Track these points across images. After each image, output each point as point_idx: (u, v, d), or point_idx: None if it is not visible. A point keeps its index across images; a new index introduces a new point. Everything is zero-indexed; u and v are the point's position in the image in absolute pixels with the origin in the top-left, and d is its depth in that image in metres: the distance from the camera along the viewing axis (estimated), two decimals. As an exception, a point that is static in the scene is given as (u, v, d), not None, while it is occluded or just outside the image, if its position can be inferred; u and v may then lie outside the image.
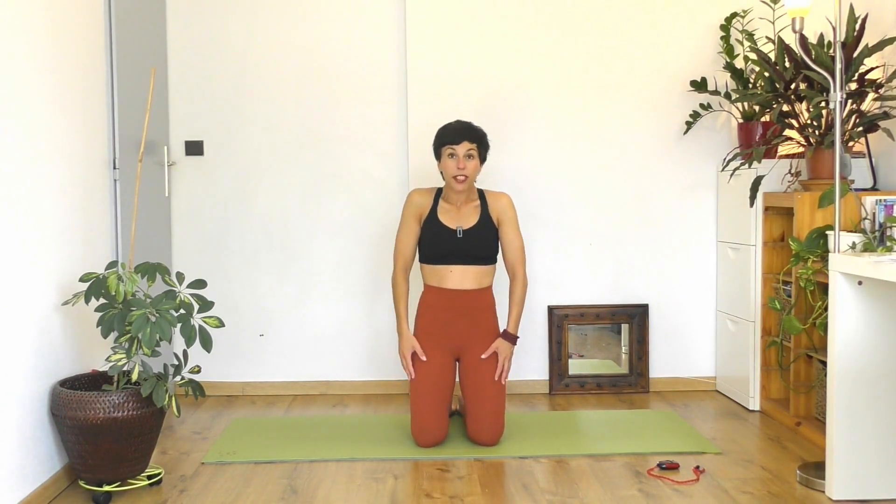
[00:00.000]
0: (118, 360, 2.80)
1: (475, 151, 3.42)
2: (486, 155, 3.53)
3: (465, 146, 3.40)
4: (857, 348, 2.77)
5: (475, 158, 3.42)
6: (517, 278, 3.51)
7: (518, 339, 3.52)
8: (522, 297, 3.51)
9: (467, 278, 3.48)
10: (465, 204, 3.51)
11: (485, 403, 3.36)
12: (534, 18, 4.29)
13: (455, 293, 3.46)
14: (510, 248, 3.51)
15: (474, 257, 3.48)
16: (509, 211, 3.50)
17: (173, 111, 4.31)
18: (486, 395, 3.37)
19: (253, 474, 3.12)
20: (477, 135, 3.45)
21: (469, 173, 3.40)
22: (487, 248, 3.49)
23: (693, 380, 4.38)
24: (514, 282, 3.52)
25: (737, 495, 2.87)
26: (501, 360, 3.43)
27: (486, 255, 3.50)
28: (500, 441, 3.40)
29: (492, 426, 3.35)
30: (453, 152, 3.40)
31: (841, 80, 2.95)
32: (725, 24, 4.20)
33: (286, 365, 4.38)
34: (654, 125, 4.33)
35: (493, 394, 3.37)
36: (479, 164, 3.46)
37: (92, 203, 3.28)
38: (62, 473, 2.94)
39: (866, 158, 3.81)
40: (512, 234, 3.50)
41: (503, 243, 3.52)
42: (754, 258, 3.88)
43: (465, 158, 3.39)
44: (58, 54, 3.01)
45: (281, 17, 4.31)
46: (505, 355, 3.44)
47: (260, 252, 4.36)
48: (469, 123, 3.50)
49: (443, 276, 3.47)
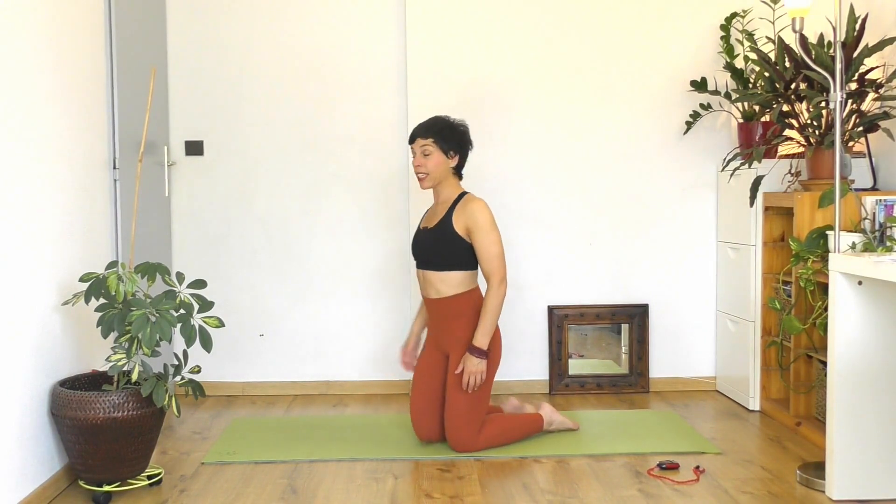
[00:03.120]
0: (118, 360, 2.80)
1: (431, 146, 3.32)
2: (458, 147, 3.37)
3: (419, 143, 3.35)
4: (857, 348, 2.77)
5: (433, 154, 3.33)
6: (489, 287, 3.29)
7: (487, 352, 3.28)
8: (493, 307, 3.27)
9: (427, 284, 3.40)
10: (439, 204, 3.44)
11: (449, 411, 3.31)
12: (534, 19, 4.29)
13: (426, 300, 3.45)
14: (482, 257, 3.30)
15: (425, 262, 3.38)
16: (477, 217, 3.28)
17: (173, 111, 4.31)
18: (451, 402, 3.31)
19: (253, 474, 3.12)
20: (434, 129, 3.33)
21: (428, 170, 3.33)
22: (435, 254, 3.34)
23: (693, 380, 4.38)
24: (487, 291, 3.31)
25: (737, 495, 2.87)
26: (466, 375, 3.26)
27: (435, 260, 3.34)
28: (471, 448, 3.30)
29: (452, 432, 3.30)
30: (413, 151, 3.39)
31: (841, 80, 2.95)
32: (725, 24, 4.20)
33: (286, 365, 4.38)
34: (654, 125, 4.33)
35: (454, 403, 3.30)
36: (442, 159, 3.34)
37: (92, 203, 3.28)
38: (62, 473, 2.94)
39: (866, 158, 3.81)
40: (482, 242, 3.28)
41: (476, 252, 3.32)
42: (754, 258, 3.88)
43: (422, 156, 3.35)
44: (58, 54, 3.01)
45: (281, 18, 4.31)
46: (470, 371, 3.25)
47: (260, 252, 4.36)
48: (434, 118, 3.39)
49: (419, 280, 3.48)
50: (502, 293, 3.29)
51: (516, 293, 4.33)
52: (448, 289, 3.34)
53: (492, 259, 3.29)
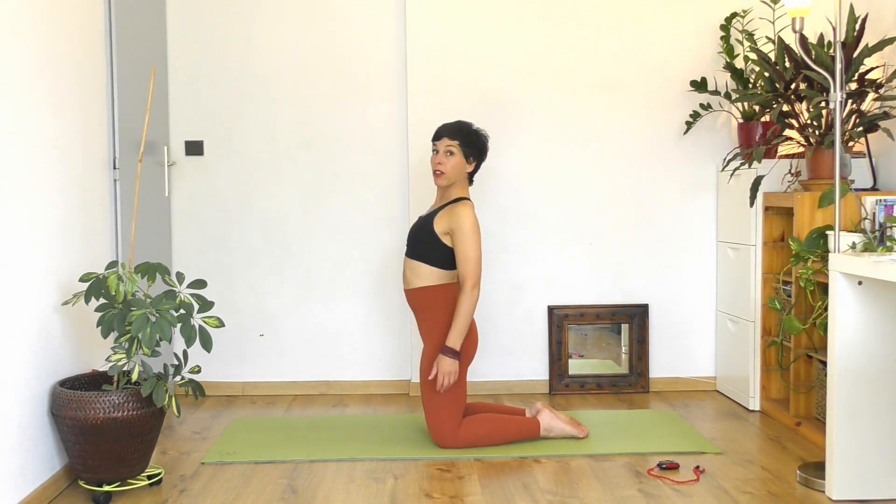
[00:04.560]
0: (118, 360, 2.80)
1: (456, 148, 3.40)
2: (478, 155, 3.46)
3: (445, 142, 3.41)
4: (857, 348, 2.77)
5: (456, 156, 3.40)
6: (462, 291, 3.31)
7: (458, 353, 3.31)
8: (464, 311, 3.29)
9: (404, 270, 3.48)
10: (439, 202, 3.50)
11: (425, 407, 3.41)
12: (534, 19, 4.29)
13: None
14: (459, 259, 3.34)
15: (408, 246, 3.47)
16: (461, 221, 3.32)
17: (173, 111, 4.31)
18: (426, 398, 3.39)
19: (253, 474, 3.12)
20: (461, 133, 3.42)
21: (446, 169, 3.40)
22: (413, 240, 3.44)
23: (693, 380, 4.38)
24: (460, 294, 3.33)
25: (737, 495, 2.87)
26: (440, 375, 3.30)
27: (412, 246, 3.44)
28: (452, 443, 3.34)
29: (430, 428, 3.39)
30: (436, 148, 3.44)
31: (841, 80, 2.95)
32: (725, 24, 4.20)
33: (286, 365, 4.38)
34: (654, 125, 4.33)
35: (427, 399, 3.38)
36: (461, 162, 3.41)
37: (92, 203, 3.28)
38: (62, 473, 2.94)
39: (866, 158, 3.81)
40: (461, 245, 3.32)
41: (455, 255, 3.36)
42: (754, 258, 3.88)
43: (445, 155, 3.41)
44: (58, 54, 3.01)
45: (281, 18, 4.31)
46: (442, 371, 3.29)
47: (260, 252, 4.36)
48: (461, 122, 3.48)
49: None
50: (475, 297, 3.33)
51: (516, 293, 4.33)
52: (416, 279, 3.42)
53: (467, 262, 3.33)
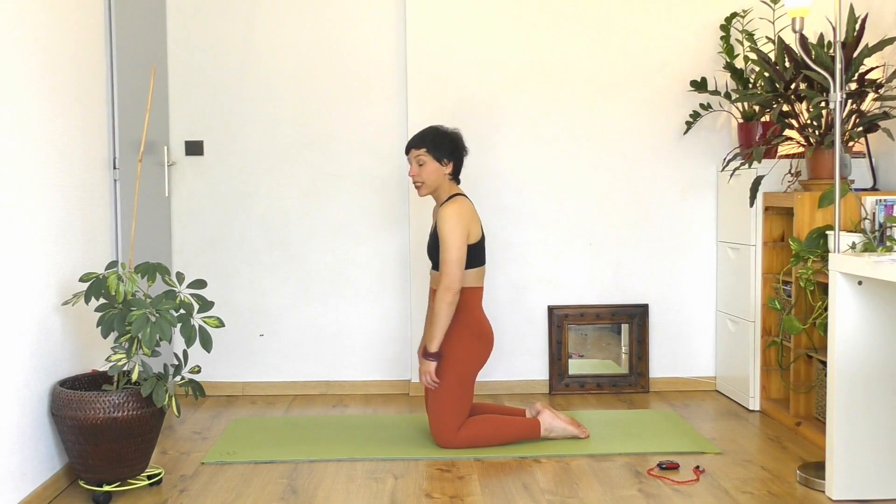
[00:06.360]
0: (118, 360, 2.80)
1: (425, 156, 3.40)
2: (451, 154, 3.41)
3: (413, 153, 3.44)
4: (857, 348, 2.77)
5: (427, 163, 3.40)
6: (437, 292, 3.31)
7: (434, 355, 3.31)
8: (437, 312, 3.28)
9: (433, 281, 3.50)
10: (436, 206, 3.53)
11: (428, 406, 3.43)
12: (534, 18, 4.29)
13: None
14: (440, 260, 3.33)
15: (432, 261, 3.49)
16: (440, 223, 3.32)
17: (173, 111, 4.31)
18: (430, 398, 3.41)
19: (253, 474, 3.12)
20: (425, 140, 3.41)
21: (423, 179, 3.41)
22: (431, 251, 3.47)
23: (693, 380, 4.38)
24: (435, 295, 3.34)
25: (737, 495, 2.87)
26: (420, 375, 3.37)
27: (434, 260, 3.46)
28: (451, 444, 3.34)
29: (431, 428, 3.40)
30: (409, 161, 3.47)
31: (841, 80, 2.95)
32: (725, 24, 4.20)
33: (286, 365, 4.38)
34: (654, 125, 4.33)
35: (430, 399, 3.41)
36: (436, 167, 3.40)
37: (92, 203, 3.28)
38: (62, 473, 2.94)
39: (866, 158, 3.81)
40: (441, 247, 3.31)
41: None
42: (754, 258, 3.88)
43: (417, 166, 3.42)
44: (58, 54, 3.01)
45: (281, 17, 4.31)
46: (421, 371, 3.35)
47: (260, 252, 4.36)
48: (425, 129, 3.46)
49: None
50: (447, 300, 3.27)
51: (516, 293, 4.33)
52: (436, 285, 3.44)
53: (443, 263, 3.31)
